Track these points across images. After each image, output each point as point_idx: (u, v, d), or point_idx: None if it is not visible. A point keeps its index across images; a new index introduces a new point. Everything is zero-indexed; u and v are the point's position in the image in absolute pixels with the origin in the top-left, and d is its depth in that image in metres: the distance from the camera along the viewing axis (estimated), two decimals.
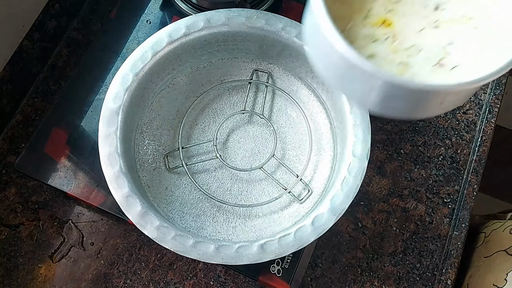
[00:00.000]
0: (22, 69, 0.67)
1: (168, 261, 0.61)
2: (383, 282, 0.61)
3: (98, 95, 0.65)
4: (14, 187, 0.63)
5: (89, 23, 0.72)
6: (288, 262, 0.58)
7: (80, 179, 0.62)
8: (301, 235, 0.50)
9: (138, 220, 0.50)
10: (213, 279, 0.60)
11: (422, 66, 0.44)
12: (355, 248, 0.62)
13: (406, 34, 0.45)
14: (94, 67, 0.67)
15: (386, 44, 0.44)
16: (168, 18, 0.69)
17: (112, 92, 0.54)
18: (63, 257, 0.61)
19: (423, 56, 0.44)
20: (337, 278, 0.61)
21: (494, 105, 0.69)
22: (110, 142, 0.52)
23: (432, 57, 0.44)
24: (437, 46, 0.45)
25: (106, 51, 0.68)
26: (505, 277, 0.60)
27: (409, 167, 0.66)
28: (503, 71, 0.40)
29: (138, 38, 0.68)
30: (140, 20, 0.69)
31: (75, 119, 0.64)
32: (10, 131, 0.66)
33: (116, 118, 0.53)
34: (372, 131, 0.53)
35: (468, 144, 0.67)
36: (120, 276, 0.60)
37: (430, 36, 0.45)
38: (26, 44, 0.66)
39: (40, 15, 0.67)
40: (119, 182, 0.51)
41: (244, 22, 0.57)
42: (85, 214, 0.63)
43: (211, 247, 0.49)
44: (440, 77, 0.43)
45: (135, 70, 0.55)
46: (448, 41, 0.45)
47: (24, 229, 0.62)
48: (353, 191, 0.51)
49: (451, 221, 0.64)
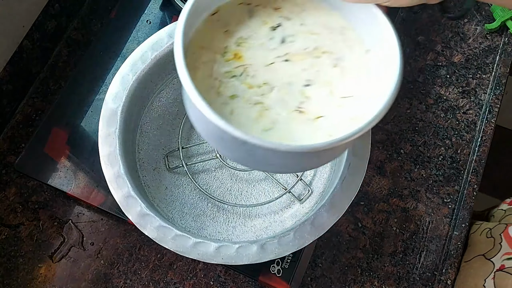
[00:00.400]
0: (22, 69, 0.67)
1: (168, 261, 0.61)
2: (383, 282, 0.61)
3: (98, 95, 0.65)
4: (14, 187, 0.63)
5: (89, 23, 0.72)
6: (288, 262, 0.58)
7: (80, 179, 0.62)
8: (301, 235, 0.50)
9: (138, 220, 0.50)
10: (213, 279, 0.60)
11: (280, 110, 0.42)
12: (355, 248, 0.62)
13: (256, 68, 0.44)
14: (94, 67, 0.67)
15: (241, 79, 0.43)
16: (168, 18, 0.69)
17: (112, 92, 0.54)
18: (63, 257, 0.61)
19: (278, 97, 0.42)
20: (337, 278, 0.61)
21: (494, 105, 0.69)
22: (110, 142, 0.52)
23: (289, 100, 0.42)
24: (292, 86, 0.43)
25: (106, 51, 0.68)
26: (483, 283, 0.59)
27: (409, 167, 0.66)
28: (372, 123, 0.37)
29: (138, 38, 0.68)
30: (140, 20, 0.68)
31: (75, 119, 0.64)
32: (10, 131, 0.66)
33: (116, 118, 0.53)
34: (372, 131, 0.53)
35: (468, 144, 0.67)
36: (120, 276, 0.60)
37: (281, 71, 0.43)
38: (26, 44, 0.66)
39: (40, 15, 0.67)
40: (119, 182, 0.51)
41: None
42: (85, 214, 0.62)
43: (211, 247, 0.49)
44: (302, 128, 0.41)
45: (135, 70, 0.55)
46: (305, 81, 0.43)
47: (24, 229, 0.62)
48: (353, 191, 0.51)
49: (451, 221, 0.64)
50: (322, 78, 0.43)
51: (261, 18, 0.46)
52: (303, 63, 0.44)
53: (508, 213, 0.68)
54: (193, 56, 0.44)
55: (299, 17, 0.46)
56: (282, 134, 0.41)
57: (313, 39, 0.45)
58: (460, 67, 0.72)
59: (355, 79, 0.43)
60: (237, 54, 0.45)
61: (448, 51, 0.72)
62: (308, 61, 0.44)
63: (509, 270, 0.57)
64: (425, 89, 0.70)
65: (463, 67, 0.72)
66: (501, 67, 0.71)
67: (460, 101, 0.70)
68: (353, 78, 0.43)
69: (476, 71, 0.71)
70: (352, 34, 0.45)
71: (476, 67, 0.72)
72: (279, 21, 0.46)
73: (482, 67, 0.72)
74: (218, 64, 0.45)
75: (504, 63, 0.72)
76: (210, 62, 0.45)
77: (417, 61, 0.72)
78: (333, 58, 0.44)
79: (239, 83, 0.44)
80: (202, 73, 0.44)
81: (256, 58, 0.45)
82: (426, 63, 0.72)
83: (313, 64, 0.44)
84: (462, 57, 0.72)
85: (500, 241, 0.61)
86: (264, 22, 0.46)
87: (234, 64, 0.45)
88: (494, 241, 0.61)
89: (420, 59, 0.72)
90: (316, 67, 0.43)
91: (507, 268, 0.57)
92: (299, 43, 0.45)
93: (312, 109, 0.42)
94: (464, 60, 0.72)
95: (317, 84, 0.43)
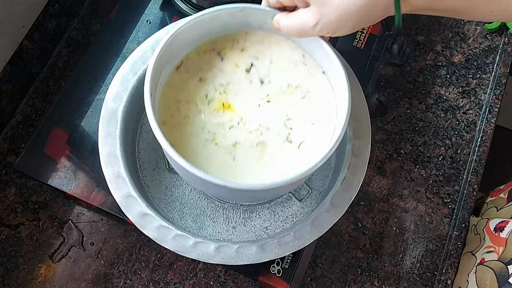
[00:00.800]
0: (22, 69, 0.67)
1: (168, 261, 0.61)
2: (383, 282, 0.61)
3: (98, 95, 0.65)
4: (14, 187, 0.63)
5: (89, 23, 0.72)
6: (288, 262, 0.58)
7: (80, 179, 0.62)
8: (301, 235, 0.50)
9: (138, 220, 0.50)
10: (213, 279, 0.60)
11: (275, 143, 0.48)
12: (355, 248, 0.62)
13: (249, 114, 0.49)
14: (94, 67, 0.67)
15: (240, 128, 0.48)
16: (168, 18, 0.69)
17: (112, 92, 0.54)
18: (63, 257, 0.61)
19: (274, 133, 0.49)
20: (337, 278, 0.61)
21: (494, 105, 0.69)
22: (110, 142, 0.52)
23: (280, 133, 0.49)
24: (279, 122, 0.49)
25: (106, 51, 0.68)
26: (467, 278, 0.59)
27: (409, 167, 0.66)
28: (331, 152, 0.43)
29: (138, 38, 0.68)
30: (140, 20, 0.68)
31: (75, 119, 0.64)
32: (10, 131, 0.66)
33: (116, 118, 0.53)
34: (372, 131, 0.53)
35: (468, 144, 0.67)
36: (120, 276, 0.60)
37: (267, 111, 0.49)
38: (26, 44, 0.66)
39: (40, 15, 0.67)
40: (119, 182, 0.51)
41: None
42: (85, 214, 0.63)
43: (211, 247, 0.49)
44: (292, 155, 0.48)
45: (135, 70, 0.55)
46: (285, 116, 0.49)
47: (24, 229, 0.62)
48: (353, 191, 0.51)
49: (451, 221, 0.64)
50: (297, 111, 0.50)
51: (232, 60, 0.51)
52: (282, 101, 0.50)
53: (489, 206, 0.68)
54: (168, 112, 0.48)
55: (266, 54, 0.51)
56: (280, 166, 0.48)
57: (284, 77, 0.51)
58: (460, 67, 0.72)
59: (319, 103, 0.50)
60: (225, 103, 0.49)
61: (448, 51, 0.72)
62: (285, 99, 0.50)
63: (488, 264, 0.57)
64: (425, 89, 0.70)
65: (463, 67, 0.72)
66: (501, 67, 0.71)
67: (460, 101, 0.70)
68: (318, 103, 0.50)
69: (476, 71, 0.71)
70: (310, 60, 0.51)
71: (476, 67, 0.72)
72: (249, 61, 0.51)
73: (482, 67, 0.72)
74: (206, 115, 0.49)
75: (504, 63, 0.72)
76: (196, 114, 0.49)
77: (417, 61, 0.72)
78: (303, 91, 0.50)
79: (239, 132, 0.48)
80: (191, 128, 0.48)
81: (245, 104, 0.49)
82: (426, 63, 0.72)
83: (289, 100, 0.50)
84: (462, 57, 0.72)
85: (484, 236, 0.61)
86: (236, 64, 0.50)
87: (227, 115, 0.49)
88: (480, 237, 0.61)
89: (420, 59, 0.72)
90: (292, 102, 0.50)
91: (487, 261, 0.57)
92: (275, 82, 0.50)
93: (295, 138, 0.49)
94: (464, 60, 0.72)
95: (295, 118, 0.49)
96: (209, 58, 0.50)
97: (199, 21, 0.47)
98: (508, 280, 0.53)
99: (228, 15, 0.48)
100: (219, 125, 0.48)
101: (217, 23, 0.49)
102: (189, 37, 0.48)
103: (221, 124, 0.48)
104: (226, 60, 0.50)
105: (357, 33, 0.65)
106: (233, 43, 0.51)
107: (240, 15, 0.48)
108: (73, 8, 0.72)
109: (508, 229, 0.57)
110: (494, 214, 0.65)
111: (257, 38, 0.51)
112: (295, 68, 0.51)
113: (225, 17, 0.48)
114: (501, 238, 0.57)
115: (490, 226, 0.60)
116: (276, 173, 0.47)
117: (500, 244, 0.57)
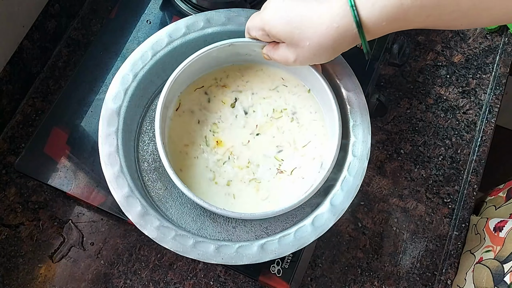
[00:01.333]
0: (22, 69, 0.67)
1: (168, 261, 0.61)
2: (383, 282, 0.61)
3: (98, 95, 0.65)
4: (14, 187, 0.63)
5: (89, 23, 0.72)
6: (288, 262, 0.58)
7: (80, 179, 0.62)
8: (301, 235, 0.50)
9: (138, 220, 0.50)
10: (213, 279, 0.60)
11: (268, 178, 0.52)
12: (355, 248, 0.62)
13: (238, 149, 0.52)
14: (94, 67, 0.67)
15: (231, 163, 0.52)
16: (168, 18, 0.69)
17: (112, 92, 0.54)
18: (63, 257, 0.61)
19: (265, 169, 0.52)
20: (337, 278, 0.61)
21: (494, 105, 0.69)
22: (110, 142, 0.52)
23: (271, 167, 0.52)
24: (269, 157, 0.52)
25: (106, 51, 0.67)
26: (465, 276, 0.60)
27: (409, 167, 0.66)
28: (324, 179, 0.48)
29: (138, 38, 0.67)
30: (140, 20, 0.68)
31: (75, 119, 0.64)
32: (10, 131, 0.66)
33: (116, 118, 0.53)
34: (372, 131, 0.53)
35: (468, 144, 0.67)
36: (120, 276, 0.60)
37: (258, 147, 0.53)
38: (26, 44, 0.66)
39: (40, 15, 0.67)
40: (119, 182, 0.51)
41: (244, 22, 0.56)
42: (85, 214, 0.63)
43: (211, 247, 0.49)
44: (286, 183, 0.52)
45: (135, 70, 0.55)
46: (276, 148, 0.53)
47: (24, 229, 0.62)
48: (353, 191, 0.51)
49: (451, 221, 0.64)
50: (286, 138, 0.53)
51: (218, 98, 0.55)
52: (271, 130, 0.53)
53: (488, 205, 0.68)
54: (180, 156, 0.52)
55: (248, 87, 0.55)
56: (276, 198, 0.52)
57: (268, 103, 0.54)
58: (460, 67, 0.72)
59: (309, 122, 0.53)
60: (218, 141, 0.53)
61: (448, 51, 0.72)
62: (274, 126, 0.53)
63: (485, 262, 0.57)
64: (425, 89, 0.70)
65: (463, 67, 0.72)
66: (501, 67, 0.71)
67: (460, 101, 0.70)
68: (308, 122, 0.53)
69: (476, 71, 0.71)
70: (291, 80, 0.54)
71: (476, 67, 0.72)
72: (234, 96, 0.54)
73: (482, 67, 0.72)
74: (208, 154, 0.53)
75: (504, 63, 0.72)
76: (200, 154, 0.53)
77: (417, 61, 0.72)
78: (289, 113, 0.54)
79: (231, 168, 0.52)
80: (199, 168, 0.52)
81: (233, 139, 0.53)
82: (426, 63, 0.72)
83: (278, 127, 0.53)
84: (462, 57, 0.72)
85: (484, 236, 0.61)
86: (223, 102, 0.54)
87: (220, 150, 0.53)
88: (480, 237, 0.61)
89: (420, 59, 0.72)
90: (281, 129, 0.53)
91: (484, 260, 0.58)
92: (259, 111, 0.54)
93: (287, 166, 0.52)
94: (464, 60, 0.72)
95: (285, 146, 0.53)
96: (198, 97, 0.54)
97: (194, 61, 0.51)
98: (504, 279, 0.53)
99: (218, 51, 0.52)
100: (217, 162, 0.52)
101: (208, 60, 0.53)
102: (182, 80, 0.53)
103: (218, 161, 0.53)
104: (212, 98, 0.55)
105: None
106: (216, 81, 0.55)
107: (229, 49, 0.52)
108: (73, 8, 0.72)
109: (506, 228, 0.57)
110: (493, 213, 0.65)
111: (236, 73, 0.55)
112: (277, 93, 0.55)
113: (216, 53, 0.52)
114: (500, 238, 0.57)
115: (490, 226, 0.60)
116: (272, 204, 0.52)
117: (498, 243, 0.57)
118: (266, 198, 0.52)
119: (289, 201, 0.48)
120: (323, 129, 0.54)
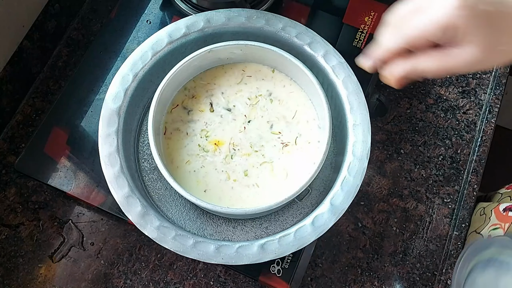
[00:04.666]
0: (22, 69, 0.67)
1: (168, 261, 0.61)
2: (383, 282, 0.61)
3: (98, 95, 0.65)
4: (14, 187, 0.63)
5: (89, 23, 0.72)
6: (288, 262, 0.58)
7: (80, 179, 0.62)
8: (301, 235, 0.50)
9: (138, 220, 0.50)
10: (213, 279, 0.60)
11: (278, 155, 0.54)
12: (355, 248, 0.62)
13: (238, 138, 0.54)
14: (94, 67, 0.67)
15: (238, 154, 0.54)
16: (168, 18, 0.69)
17: (112, 92, 0.54)
18: (63, 257, 0.61)
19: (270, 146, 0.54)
20: (337, 278, 0.61)
21: (494, 105, 0.69)
22: (110, 142, 0.52)
23: (275, 143, 0.54)
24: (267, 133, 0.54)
25: (106, 51, 0.68)
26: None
27: (409, 167, 0.66)
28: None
29: (138, 38, 0.68)
30: (140, 20, 0.68)
31: (75, 119, 0.64)
32: (10, 131, 0.66)
33: (116, 118, 0.53)
34: (372, 131, 0.53)
35: (468, 144, 0.67)
36: (120, 276, 0.60)
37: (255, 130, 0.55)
38: (26, 44, 0.66)
39: (40, 15, 0.67)
40: (119, 182, 0.51)
41: (244, 22, 0.57)
42: (85, 214, 0.63)
43: (211, 247, 0.49)
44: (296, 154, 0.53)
45: (135, 70, 0.55)
46: (267, 124, 0.55)
47: (24, 229, 0.62)
48: (353, 191, 0.51)
49: (451, 221, 0.64)
50: (275, 114, 0.55)
51: (196, 108, 0.56)
52: (258, 112, 0.55)
53: (504, 196, 0.68)
54: (189, 176, 0.54)
55: (216, 89, 0.57)
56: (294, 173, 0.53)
57: (241, 96, 0.56)
58: None
59: (288, 100, 0.55)
60: (216, 142, 0.54)
61: None
62: (259, 110, 0.55)
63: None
64: (425, 89, 0.70)
65: None
66: (501, 67, 0.71)
67: (460, 101, 0.70)
68: (287, 100, 0.55)
69: (476, 71, 0.71)
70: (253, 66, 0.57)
71: None
72: (208, 101, 0.56)
73: None
74: (211, 158, 0.54)
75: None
76: (204, 162, 0.54)
77: None
78: (265, 95, 0.56)
79: (239, 158, 0.53)
80: (211, 176, 0.53)
81: (229, 132, 0.54)
82: None
83: (263, 109, 0.55)
84: None
85: (490, 215, 0.61)
86: (201, 110, 0.55)
87: (223, 148, 0.54)
88: (485, 217, 0.62)
89: None
90: (265, 109, 0.55)
91: (493, 238, 0.58)
92: (238, 104, 0.55)
93: (288, 137, 0.54)
94: None
95: (275, 121, 0.55)
96: (178, 114, 0.56)
97: (178, 72, 0.53)
98: None
99: (199, 59, 0.53)
100: (224, 160, 0.53)
101: (191, 71, 0.55)
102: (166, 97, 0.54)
103: (225, 158, 0.54)
104: (190, 110, 0.56)
105: (357, 33, 0.65)
106: (186, 95, 0.56)
107: (209, 55, 0.54)
108: (73, 8, 0.72)
109: None
110: (508, 202, 0.66)
111: (200, 81, 0.57)
112: (245, 85, 0.56)
113: (197, 61, 0.53)
114: (509, 217, 0.58)
115: (500, 208, 0.61)
116: (294, 180, 0.52)
117: (506, 221, 0.58)
118: (286, 176, 0.52)
119: (307, 170, 0.48)
120: (303, 94, 0.55)
